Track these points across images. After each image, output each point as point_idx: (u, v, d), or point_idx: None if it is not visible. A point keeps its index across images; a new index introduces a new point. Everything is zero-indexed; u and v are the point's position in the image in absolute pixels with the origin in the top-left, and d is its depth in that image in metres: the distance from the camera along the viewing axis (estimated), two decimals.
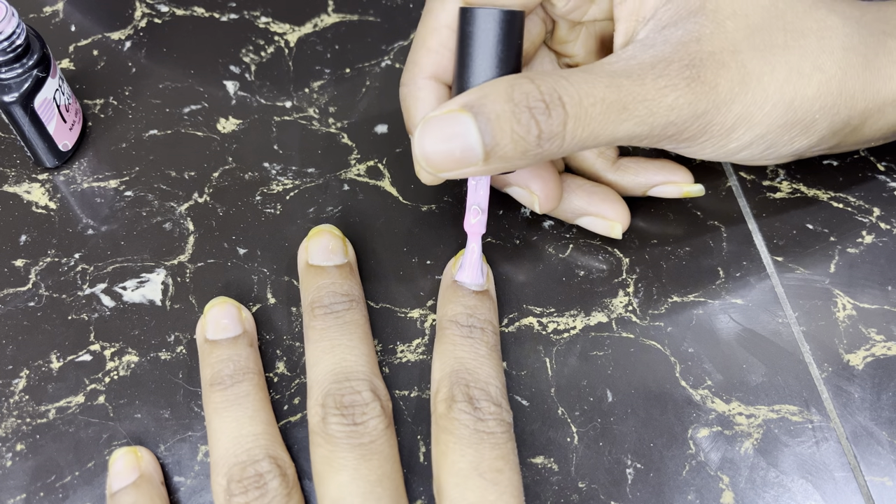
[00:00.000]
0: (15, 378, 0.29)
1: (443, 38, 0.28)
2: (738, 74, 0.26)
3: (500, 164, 0.25)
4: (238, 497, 0.25)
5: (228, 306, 0.29)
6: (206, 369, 0.28)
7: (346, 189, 0.34)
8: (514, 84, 0.24)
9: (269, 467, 0.25)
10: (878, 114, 0.29)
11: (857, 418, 0.29)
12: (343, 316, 0.28)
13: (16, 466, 0.27)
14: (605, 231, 0.32)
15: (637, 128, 0.25)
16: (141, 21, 0.39)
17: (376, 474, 0.25)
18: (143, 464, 0.27)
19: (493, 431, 0.26)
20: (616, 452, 0.28)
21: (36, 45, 0.31)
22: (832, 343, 0.30)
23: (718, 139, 0.27)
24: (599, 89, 0.24)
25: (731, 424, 0.29)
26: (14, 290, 0.31)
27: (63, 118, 0.33)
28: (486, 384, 0.27)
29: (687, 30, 0.26)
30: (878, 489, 0.28)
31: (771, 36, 0.27)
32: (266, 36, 0.38)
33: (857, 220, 0.33)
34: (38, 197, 0.33)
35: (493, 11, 0.26)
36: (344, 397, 0.26)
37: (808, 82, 0.27)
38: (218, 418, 0.27)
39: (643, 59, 0.26)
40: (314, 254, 0.30)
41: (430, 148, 0.24)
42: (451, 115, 0.24)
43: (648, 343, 0.30)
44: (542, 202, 0.30)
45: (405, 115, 0.29)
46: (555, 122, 0.24)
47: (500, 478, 0.25)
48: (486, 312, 0.29)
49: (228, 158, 0.34)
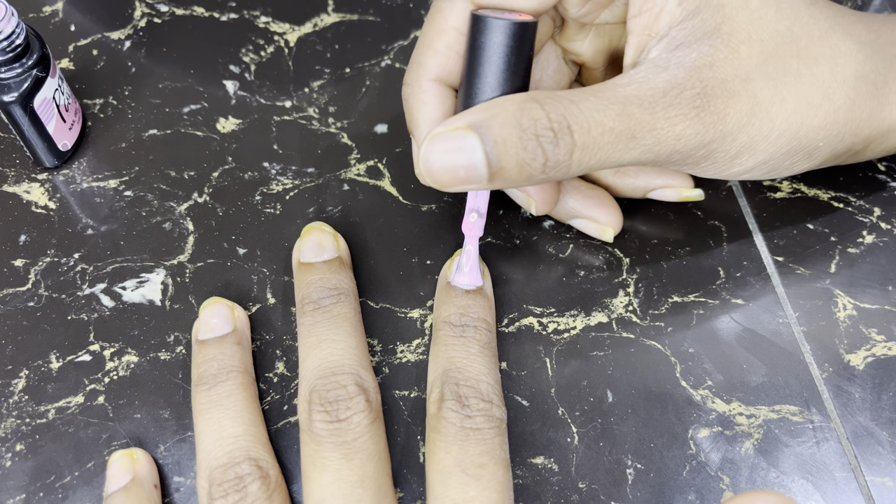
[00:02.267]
0: (14, 378, 0.29)
1: (450, 41, 0.27)
2: (748, 105, 0.26)
3: (503, 185, 0.25)
4: (219, 500, 0.25)
5: (219, 306, 0.29)
6: (194, 369, 0.28)
7: (346, 189, 0.34)
8: (523, 109, 0.24)
9: (249, 469, 0.25)
10: (882, 138, 0.29)
11: (858, 418, 0.29)
12: (330, 310, 0.28)
13: (15, 466, 0.27)
14: (597, 234, 0.32)
15: (643, 156, 0.25)
16: (141, 21, 0.38)
17: (357, 475, 0.25)
18: (137, 466, 0.27)
19: (479, 428, 0.26)
20: (616, 452, 0.28)
21: (35, 44, 0.31)
22: (833, 343, 0.30)
23: (721, 164, 0.27)
24: (610, 118, 0.24)
25: (732, 424, 0.29)
26: (14, 290, 0.31)
27: (63, 118, 0.33)
28: (476, 381, 0.27)
29: (701, 52, 0.25)
30: (878, 489, 0.28)
31: (784, 63, 0.26)
32: (266, 36, 0.38)
33: (858, 220, 0.33)
34: (37, 197, 0.33)
35: (506, 23, 0.25)
36: (329, 392, 0.26)
37: (815, 112, 0.27)
38: (201, 419, 0.27)
39: (656, 83, 0.25)
40: (305, 251, 0.30)
41: (435, 164, 0.24)
42: (457, 134, 0.24)
43: (649, 343, 0.30)
44: (538, 205, 0.30)
45: (407, 115, 0.29)
46: (562, 152, 0.24)
47: (483, 473, 0.25)
48: (479, 310, 0.29)
49: (228, 158, 0.34)
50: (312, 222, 0.31)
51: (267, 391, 0.29)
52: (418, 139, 0.28)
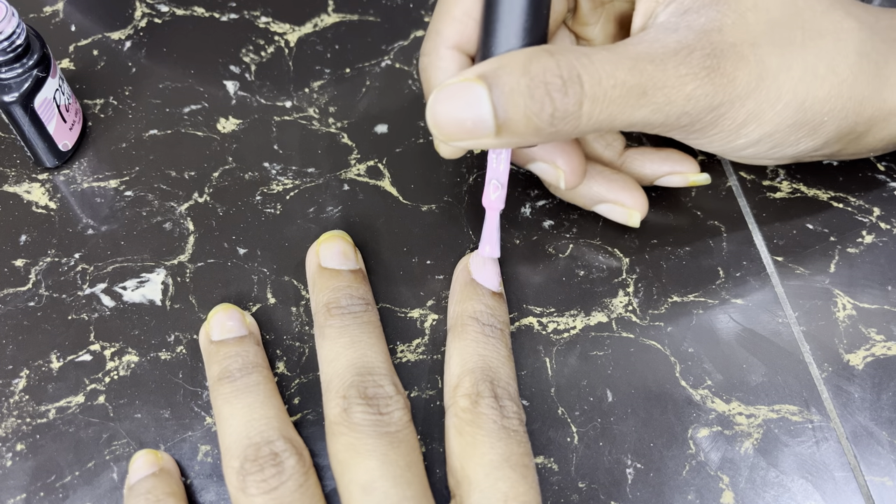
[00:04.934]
0: (15, 378, 0.29)
1: (467, 7, 0.27)
2: (756, 69, 0.26)
3: (513, 139, 0.24)
4: (254, 475, 0.24)
5: (232, 311, 0.29)
6: (214, 366, 0.28)
7: (346, 189, 0.34)
8: (532, 57, 0.23)
9: (284, 446, 0.25)
10: (883, 122, 0.29)
11: (858, 418, 0.29)
12: (361, 316, 0.28)
13: (16, 466, 0.27)
14: (623, 219, 0.31)
15: (653, 115, 0.25)
16: (141, 21, 0.39)
17: (405, 460, 0.25)
18: (163, 461, 0.27)
19: (517, 429, 0.26)
20: (616, 452, 0.28)
21: (36, 44, 0.31)
22: (832, 343, 0.30)
23: (728, 133, 0.27)
24: (622, 72, 0.24)
25: (731, 424, 0.29)
26: (14, 290, 0.31)
27: (63, 118, 0.33)
28: (507, 384, 0.27)
29: (709, 17, 0.26)
30: (878, 489, 0.28)
31: (790, 33, 0.26)
32: (266, 36, 0.38)
33: (858, 220, 0.33)
34: (38, 197, 0.33)
35: None
36: (367, 389, 0.26)
37: (821, 84, 0.27)
38: (228, 406, 0.26)
39: (667, 42, 0.25)
40: (327, 257, 0.30)
41: (442, 115, 0.24)
42: (465, 84, 0.23)
43: (648, 343, 0.30)
44: (567, 177, 0.29)
45: (424, 85, 0.28)
46: (570, 101, 0.23)
47: (529, 473, 0.25)
48: (503, 315, 0.29)
49: (228, 158, 0.34)
50: (333, 230, 0.31)
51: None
52: None
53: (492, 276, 0.29)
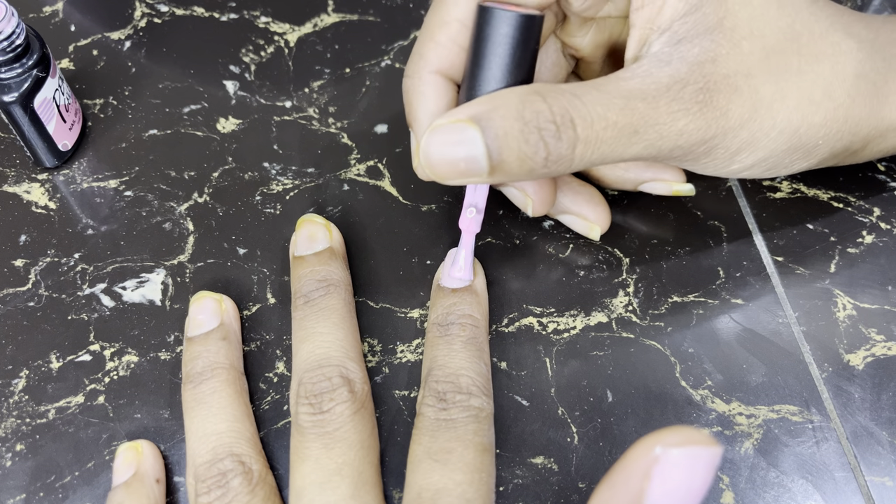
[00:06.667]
0: (15, 378, 0.29)
1: (452, 33, 0.27)
2: (750, 100, 0.26)
3: (504, 179, 0.24)
4: (203, 497, 0.25)
5: (206, 300, 0.29)
6: (182, 367, 0.28)
7: (346, 189, 0.34)
8: (525, 101, 0.24)
9: (230, 466, 0.26)
10: (880, 139, 0.29)
11: (858, 418, 0.29)
12: (319, 303, 0.28)
13: (15, 466, 0.27)
14: (584, 231, 0.32)
15: (645, 151, 0.25)
16: (141, 21, 0.39)
17: (336, 463, 0.25)
18: (140, 460, 0.27)
19: (453, 419, 0.26)
20: (616, 452, 0.28)
21: (36, 44, 0.31)
22: (832, 343, 0.30)
23: (721, 161, 0.27)
24: (613, 112, 0.24)
25: (732, 424, 0.29)
26: (14, 290, 0.31)
27: (63, 118, 0.33)
28: (455, 376, 0.27)
29: (703, 48, 0.25)
30: (878, 489, 0.28)
31: (786, 59, 0.26)
32: (266, 36, 0.38)
33: (858, 220, 0.33)
34: (37, 197, 0.33)
35: (514, 15, 0.25)
36: (314, 385, 0.26)
37: (816, 110, 0.27)
38: (188, 417, 0.27)
39: (659, 77, 0.25)
40: (298, 245, 0.30)
41: (436, 156, 0.24)
42: (458, 126, 0.24)
43: (648, 343, 0.30)
44: (535, 206, 0.30)
45: (407, 108, 0.29)
46: (564, 146, 0.24)
47: (450, 457, 0.25)
48: (464, 307, 0.29)
49: (228, 158, 0.34)
50: (305, 214, 0.32)
51: (267, 391, 0.29)
52: (417, 132, 0.28)
53: (466, 271, 0.30)
